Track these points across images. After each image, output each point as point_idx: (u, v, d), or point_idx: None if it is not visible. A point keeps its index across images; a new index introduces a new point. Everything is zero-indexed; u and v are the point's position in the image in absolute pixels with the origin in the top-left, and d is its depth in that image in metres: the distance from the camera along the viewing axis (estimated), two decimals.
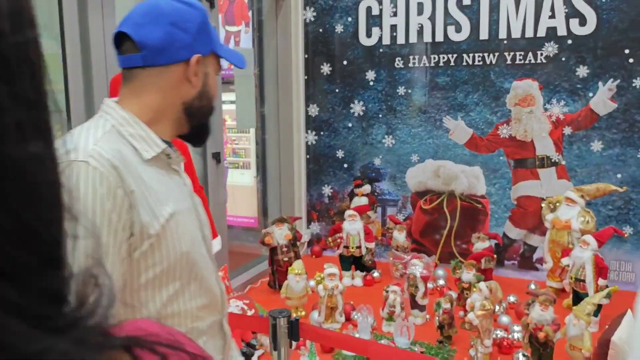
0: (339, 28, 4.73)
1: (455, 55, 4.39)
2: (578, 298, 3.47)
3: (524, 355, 3.03)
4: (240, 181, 5.71)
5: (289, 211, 4.84)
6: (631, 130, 3.99)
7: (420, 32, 4.46)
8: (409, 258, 3.58)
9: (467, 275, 3.45)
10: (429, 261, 3.59)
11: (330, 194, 5.00)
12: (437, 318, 3.37)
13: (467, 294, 3.47)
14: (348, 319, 3.60)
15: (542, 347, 2.92)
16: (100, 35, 2.82)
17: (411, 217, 4.72)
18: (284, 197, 5.00)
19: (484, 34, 4.28)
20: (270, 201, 5.03)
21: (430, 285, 3.64)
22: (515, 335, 3.23)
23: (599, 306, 3.30)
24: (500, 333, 3.23)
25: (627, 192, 3.95)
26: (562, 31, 4.06)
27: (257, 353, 3.16)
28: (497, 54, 4.26)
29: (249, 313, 3.43)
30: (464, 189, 4.52)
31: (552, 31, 4.09)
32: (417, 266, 3.54)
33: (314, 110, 4.93)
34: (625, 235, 3.84)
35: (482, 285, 3.16)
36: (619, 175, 4.05)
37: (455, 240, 4.60)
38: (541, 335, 2.87)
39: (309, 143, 5.00)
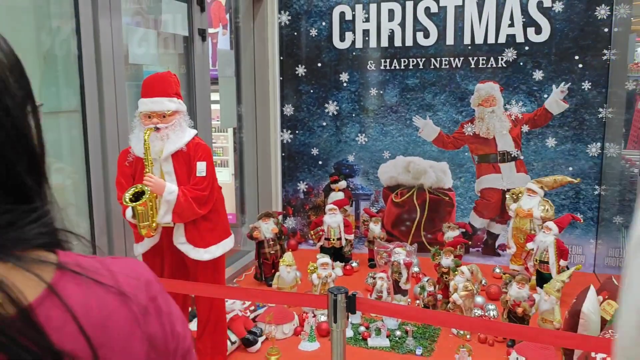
0: (313, 32, 4.97)
1: (423, 59, 4.73)
2: (542, 278, 3.90)
3: None
4: (219, 179, 5.81)
5: (266, 207, 5.03)
6: (581, 128, 4.47)
7: (391, 37, 4.77)
8: (392, 247, 3.89)
9: (446, 260, 3.80)
10: (411, 249, 3.90)
11: (305, 190, 5.24)
12: (421, 300, 3.69)
13: (446, 277, 3.82)
14: None
15: (519, 321, 3.29)
16: (109, 36, 2.93)
17: (383, 210, 5.04)
18: (261, 193, 5.19)
19: (450, 40, 4.64)
20: (247, 198, 5.20)
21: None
22: (491, 313, 3.59)
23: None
24: (477, 312, 3.59)
25: (577, 183, 4.42)
26: (520, 38, 4.49)
27: (260, 339, 3.36)
28: (462, 58, 4.64)
29: (247, 303, 3.62)
30: (432, 183, 4.88)
31: (511, 38, 4.51)
32: (400, 254, 3.86)
33: (289, 109, 5.15)
34: (581, 221, 4.31)
35: (464, 268, 3.51)
36: (570, 168, 4.52)
37: (424, 231, 4.96)
38: (519, 310, 3.25)
39: (285, 141, 5.21)
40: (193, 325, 3.05)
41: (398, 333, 3.43)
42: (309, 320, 3.50)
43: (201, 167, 2.43)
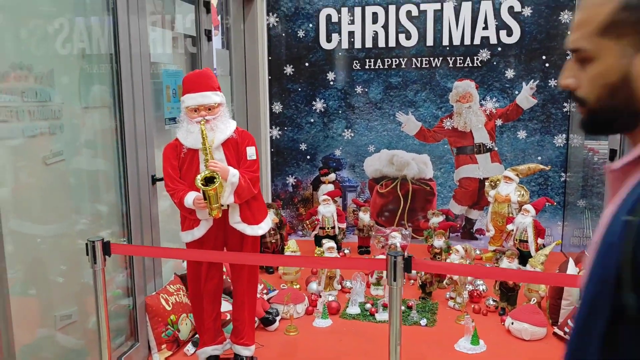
0: (300, 33, 5.24)
1: (405, 59, 5.10)
2: (522, 256, 4.32)
3: (493, 300, 3.79)
4: None
5: None
6: (548, 121, 4.95)
7: (375, 38, 5.11)
8: (389, 231, 4.22)
9: (439, 242, 4.16)
10: (406, 233, 4.25)
11: (294, 184, 5.51)
12: (419, 279, 4.04)
13: (438, 258, 4.18)
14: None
15: (509, 292, 3.69)
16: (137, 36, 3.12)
17: (369, 200, 5.37)
18: None
19: (430, 41, 5.03)
20: None
21: None
22: (480, 287, 3.98)
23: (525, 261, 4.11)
24: (469, 286, 3.97)
25: (545, 171, 4.89)
26: (493, 40, 4.92)
27: (277, 318, 3.62)
28: (441, 58, 5.04)
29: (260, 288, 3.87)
30: (415, 174, 5.25)
31: (485, 40, 4.94)
32: (397, 238, 4.19)
33: (277, 107, 5.41)
34: (554, 204, 4.79)
35: (459, 246, 3.88)
36: (539, 158, 4.99)
37: (408, 219, 5.32)
38: (510, 282, 3.64)
39: (274, 137, 5.46)
40: (227, 305, 3.29)
41: (402, 308, 3.75)
42: (321, 299, 3.78)
43: (251, 152, 2.68)
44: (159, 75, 3.54)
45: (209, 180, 2.58)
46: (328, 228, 4.80)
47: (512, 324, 3.40)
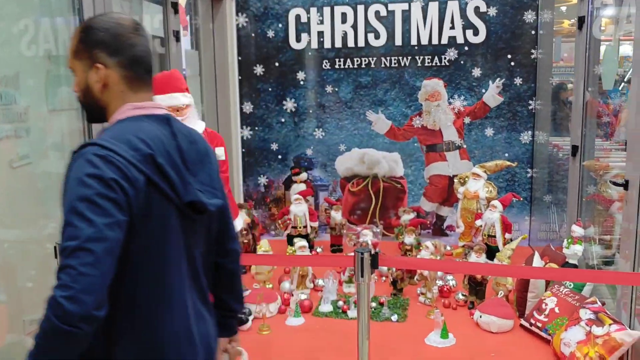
0: (270, 33, 5.26)
1: (375, 59, 5.16)
2: (490, 250, 4.41)
3: (462, 294, 3.87)
4: None
5: None
6: (514, 118, 5.07)
7: (344, 38, 5.16)
8: (360, 229, 4.27)
9: (409, 239, 4.23)
10: (377, 230, 4.30)
11: (265, 184, 5.52)
12: (390, 276, 4.09)
13: (409, 254, 4.25)
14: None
15: (478, 286, 3.77)
16: None
17: (341, 199, 5.42)
18: None
19: (398, 41, 5.10)
20: None
21: None
22: (450, 283, 4.06)
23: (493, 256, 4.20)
24: (439, 282, 4.04)
25: (512, 167, 5.01)
26: (460, 40, 5.01)
27: (250, 318, 3.63)
28: (409, 57, 5.11)
29: None
30: (386, 172, 5.32)
31: (452, 39, 5.03)
32: (368, 235, 4.25)
33: (248, 107, 5.41)
34: (521, 199, 4.90)
35: (428, 242, 3.96)
36: (506, 154, 5.10)
37: (379, 216, 5.39)
38: (479, 276, 3.73)
39: (245, 138, 5.47)
40: None
41: (373, 304, 3.81)
42: (294, 298, 3.81)
43: (220, 152, 2.69)
44: None
45: None
46: (300, 227, 4.83)
47: (481, 317, 3.48)
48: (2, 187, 2.54)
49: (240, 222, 4.60)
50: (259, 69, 5.33)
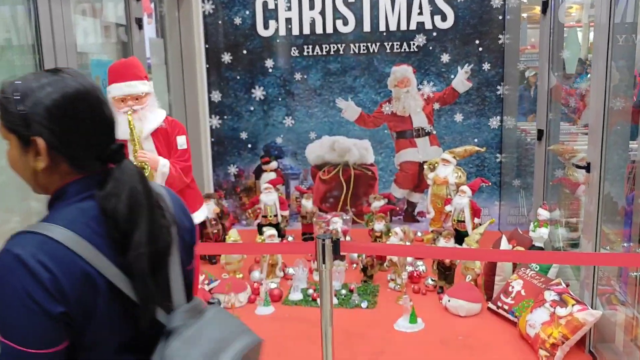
0: (237, 20, 5.18)
1: (343, 45, 5.12)
2: (459, 235, 4.44)
3: (432, 280, 3.89)
4: None
5: None
6: (483, 104, 5.09)
7: (312, 24, 5.11)
8: (330, 217, 4.25)
9: (379, 225, 4.23)
10: (347, 218, 4.29)
11: (236, 173, 5.47)
12: (360, 263, 4.09)
13: (379, 240, 4.25)
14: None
15: (446, 271, 3.79)
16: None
17: (312, 187, 5.39)
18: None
19: (367, 27, 5.06)
20: None
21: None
22: (420, 268, 4.07)
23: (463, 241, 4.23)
24: (409, 268, 4.05)
25: (481, 152, 5.03)
26: (428, 25, 5.00)
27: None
28: (378, 44, 5.08)
29: (201, 279, 3.85)
30: (356, 159, 5.31)
31: (421, 25, 5.01)
32: (338, 223, 4.24)
33: (216, 96, 5.34)
34: (489, 184, 4.94)
35: (397, 229, 3.96)
36: (475, 140, 5.13)
37: (351, 204, 5.38)
38: (447, 261, 3.75)
39: (213, 127, 5.40)
40: None
41: (343, 292, 3.81)
42: (263, 287, 3.78)
43: (181, 141, 2.64)
44: (88, 65, 3.43)
45: None
46: (271, 216, 4.80)
47: (449, 301, 3.50)
48: None
49: (206, 211, 4.55)
50: (226, 57, 5.25)
